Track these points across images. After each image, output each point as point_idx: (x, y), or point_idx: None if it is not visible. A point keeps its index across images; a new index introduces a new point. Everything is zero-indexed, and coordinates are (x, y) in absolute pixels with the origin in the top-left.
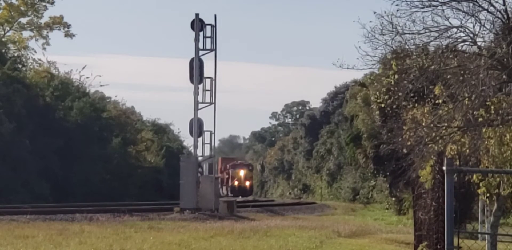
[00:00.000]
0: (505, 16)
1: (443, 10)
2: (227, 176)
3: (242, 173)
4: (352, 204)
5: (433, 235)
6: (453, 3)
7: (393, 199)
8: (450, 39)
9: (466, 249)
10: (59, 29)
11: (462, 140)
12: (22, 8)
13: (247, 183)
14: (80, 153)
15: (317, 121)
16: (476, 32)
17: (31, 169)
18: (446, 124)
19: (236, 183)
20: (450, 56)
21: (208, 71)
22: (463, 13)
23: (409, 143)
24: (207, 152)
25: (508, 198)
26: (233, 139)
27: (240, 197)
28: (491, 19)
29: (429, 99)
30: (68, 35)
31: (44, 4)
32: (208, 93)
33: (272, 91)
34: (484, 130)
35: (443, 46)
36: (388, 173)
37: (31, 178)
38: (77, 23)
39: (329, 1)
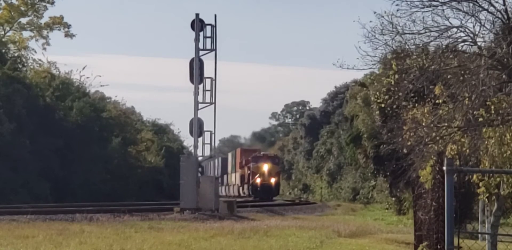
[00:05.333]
0: (505, 16)
1: (443, 10)
2: (248, 172)
3: (266, 167)
4: (352, 204)
5: (433, 235)
6: (453, 3)
7: (393, 199)
8: (450, 39)
9: (466, 249)
10: (59, 29)
11: (462, 140)
12: (22, 8)
13: (273, 180)
14: (80, 153)
15: (317, 121)
16: (476, 32)
17: (31, 169)
18: (446, 124)
19: (258, 180)
20: (450, 56)
21: (208, 71)
22: (463, 13)
23: (409, 143)
24: (207, 152)
25: (508, 198)
26: (233, 139)
27: (264, 198)
28: (491, 19)
29: (429, 99)
30: (68, 35)
31: (44, 4)
32: (208, 93)
33: (272, 91)
34: (484, 130)
35: (443, 46)
36: (388, 173)
37: (31, 178)
38: (77, 23)
39: (329, 1)
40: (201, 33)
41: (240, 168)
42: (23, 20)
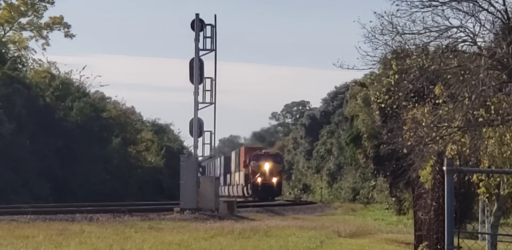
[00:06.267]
0: (505, 16)
1: (443, 10)
2: (251, 171)
3: (267, 166)
4: (352, 204)
5: (433, 235)
6: (453, 3)
7: (393, 199)
8: (450, 39)
9: (466, 249)
10: (59, 30)
11: (462, 140)
12: (22, 8)
13: (274, 180)
14: (80, 153)
15: (317, 121)
16: (476, 32)
17: (31, 169)
18: (446, 124)
19: (259, 179)
20: (450, 56)
21: (208, 71)
22: (463, 13)
23: (409, 143)
24: (207, 152)
25: (508, 198)
26: (233, 139)
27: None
28: (491, 19)
29: (429, 99)
30: (68, 35)
31: (44, 4)
32: (208, 94)
33: (272, 91)
34: (484, 130)
35: (443, 46)
36: (388, 173)
37: (31, 178)
38: (77, 24)
39: (329, 1)
40: (201, 33)
41: (244, 166)
42: (23, 20)
